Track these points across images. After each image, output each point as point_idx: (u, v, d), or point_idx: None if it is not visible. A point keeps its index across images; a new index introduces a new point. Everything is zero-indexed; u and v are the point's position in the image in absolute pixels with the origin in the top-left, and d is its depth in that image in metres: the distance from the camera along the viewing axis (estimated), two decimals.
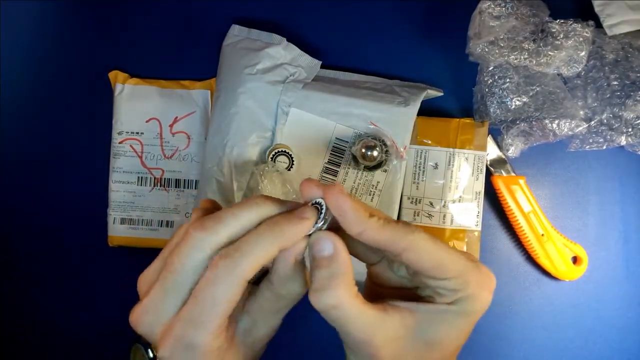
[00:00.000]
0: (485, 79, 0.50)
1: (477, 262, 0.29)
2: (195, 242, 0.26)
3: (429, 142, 0.50)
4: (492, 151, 0.51)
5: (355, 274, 0.28)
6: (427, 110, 0.50)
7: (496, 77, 0.50)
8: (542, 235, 0.50)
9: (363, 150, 0.45)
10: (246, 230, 0.27)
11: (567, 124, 0.49)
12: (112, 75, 0.52)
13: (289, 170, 0.46)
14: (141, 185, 0.51)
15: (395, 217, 0.49)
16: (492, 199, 0.52)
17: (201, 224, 0.27)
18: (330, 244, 0.27)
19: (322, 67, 0.50)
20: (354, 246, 0.30)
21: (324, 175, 0.48)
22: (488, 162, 0.51)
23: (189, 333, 0.26)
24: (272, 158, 0.46)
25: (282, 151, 0.46)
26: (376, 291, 0.32)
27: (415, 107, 0.47)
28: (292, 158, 0.46)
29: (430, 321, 0.28)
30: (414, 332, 0.28)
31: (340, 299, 0.26)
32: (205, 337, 0.26)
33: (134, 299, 0.29)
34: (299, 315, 0.32)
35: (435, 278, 0.28)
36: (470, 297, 0.28)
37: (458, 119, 0.50)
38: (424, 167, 0.50)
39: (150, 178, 0.51)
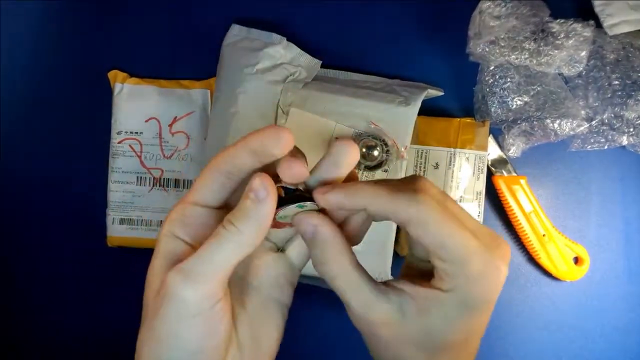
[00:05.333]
0: (486, 78, 0.50)
1: (496, 244, 0.25)
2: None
3: (430, 142, 0.50)
4: (493, 151, 0.51)
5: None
6: (428, 110, 0.50)
7: (497, 76, 0.50)
8: (544, 235, 0.50)
9: (363, 150, 0.45)
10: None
11: (569, 123, 0.49)
12: (111, 74, 0.52)
13: None
14: (140, 185, 0.51)
15: None
16: (493, 199, 0.51)
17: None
18: (310, 226, 0.26)
19: (322, 67, 0.50)
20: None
21: None
22: (489, 162, 0.51)
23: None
24: None
25: None
26: (407, 273, 0.30)
27: (416, 106, 0.47)
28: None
29: (427, 309, 0.26)
30: (415, 319, 0.26)
31: (334, 273, 0.27)
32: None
33: (133, 298, 0.29)
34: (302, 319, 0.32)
35: (440, 259, 0.25)
36: (467, 285, 0.25)
37: (459, 119, 0.50)
38: (424, 167, 0.49)
39: (150, 178, 0.51)
